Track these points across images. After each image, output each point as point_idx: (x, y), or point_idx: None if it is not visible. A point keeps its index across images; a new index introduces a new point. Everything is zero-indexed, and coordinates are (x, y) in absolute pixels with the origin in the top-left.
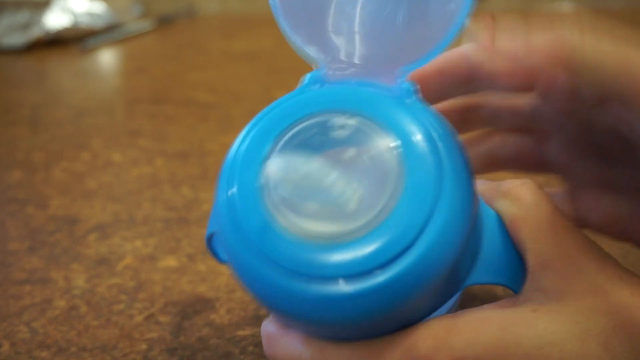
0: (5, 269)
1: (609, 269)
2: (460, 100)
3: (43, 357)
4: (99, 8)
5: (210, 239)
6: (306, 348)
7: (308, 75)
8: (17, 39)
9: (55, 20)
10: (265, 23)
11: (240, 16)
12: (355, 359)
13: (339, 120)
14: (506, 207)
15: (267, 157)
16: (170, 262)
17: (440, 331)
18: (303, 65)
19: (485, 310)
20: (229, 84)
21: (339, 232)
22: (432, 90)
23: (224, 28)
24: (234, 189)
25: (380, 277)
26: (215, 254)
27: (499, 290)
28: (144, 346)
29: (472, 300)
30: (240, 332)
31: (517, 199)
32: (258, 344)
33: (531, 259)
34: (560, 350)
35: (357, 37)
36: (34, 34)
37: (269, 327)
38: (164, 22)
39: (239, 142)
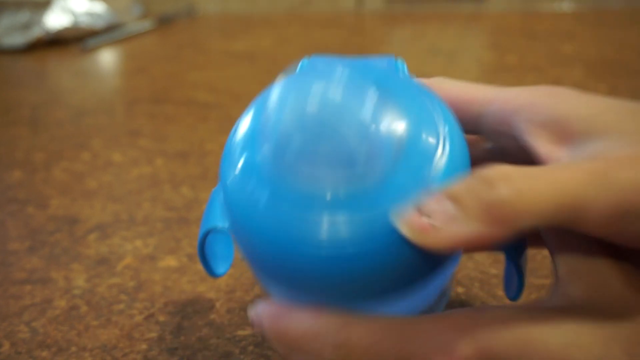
0: (5, 269)
1: (637, 284)
2: None
3: (43, 357)
4: (99, 8)
5: (203, 244)
6: (325, 322)
7: (300, 63)
8: (17, 39)
9: (55, 20)
10: (265, 23)
11: (240, 16)
12: (379, 336)
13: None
14: None
15: (273, 125)
16: (170, 262)
17: (466, 321)
18: None
19: (511, 308)
20: (229, 84)
21: (351, 188)
22: None
23: (224, 28)
24: (241, 162)
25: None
26: (206, 263)
27: (499, 290)
28: (144, 346)
29: (472, 300)
30: (240, 332)
31: None
32: (258, 344)
33: (561, 269)
34: (584, 352)
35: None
36: (34, 34)
37: (269, 307)
38: (164, 22)
39: (243, 119)
